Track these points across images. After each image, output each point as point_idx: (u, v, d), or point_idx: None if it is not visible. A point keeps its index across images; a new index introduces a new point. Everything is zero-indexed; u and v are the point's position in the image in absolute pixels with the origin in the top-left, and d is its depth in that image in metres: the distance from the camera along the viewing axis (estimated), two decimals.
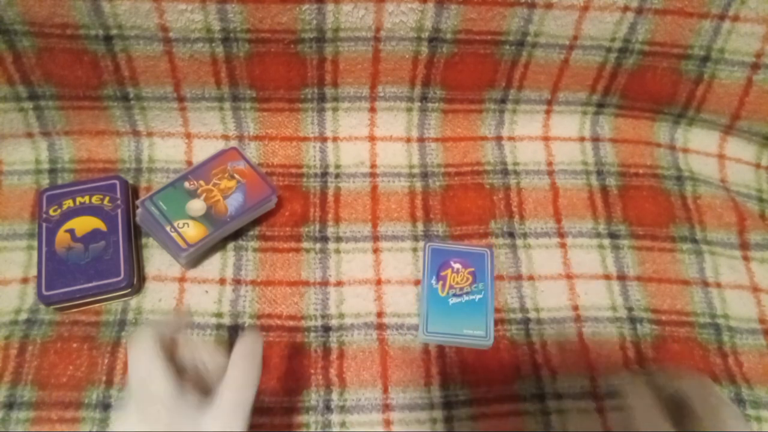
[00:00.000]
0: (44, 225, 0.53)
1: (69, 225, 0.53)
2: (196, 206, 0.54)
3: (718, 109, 0.61)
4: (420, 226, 0.59)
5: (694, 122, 0.64)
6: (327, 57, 0.57)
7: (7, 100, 0.57)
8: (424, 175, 0.62)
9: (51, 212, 0.54)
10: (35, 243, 0.53)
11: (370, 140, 0.63)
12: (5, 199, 0.58)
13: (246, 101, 0.60)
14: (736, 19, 0.55)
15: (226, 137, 0.61)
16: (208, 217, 0.54)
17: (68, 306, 0.52)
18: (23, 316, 0.52)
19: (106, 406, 0.49)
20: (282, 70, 0.57)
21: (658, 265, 0.58)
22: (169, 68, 0.56)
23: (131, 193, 0.57)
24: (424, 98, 0.62)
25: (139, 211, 0.54)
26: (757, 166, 0.64)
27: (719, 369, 0.53)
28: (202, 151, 0.61)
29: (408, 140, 0.63)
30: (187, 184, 0.55)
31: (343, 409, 0.50)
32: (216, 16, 0.52)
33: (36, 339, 0.51)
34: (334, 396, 0.51)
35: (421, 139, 0.63)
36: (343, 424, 0.50)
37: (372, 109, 0.62)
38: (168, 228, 0.53)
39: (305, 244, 0.57)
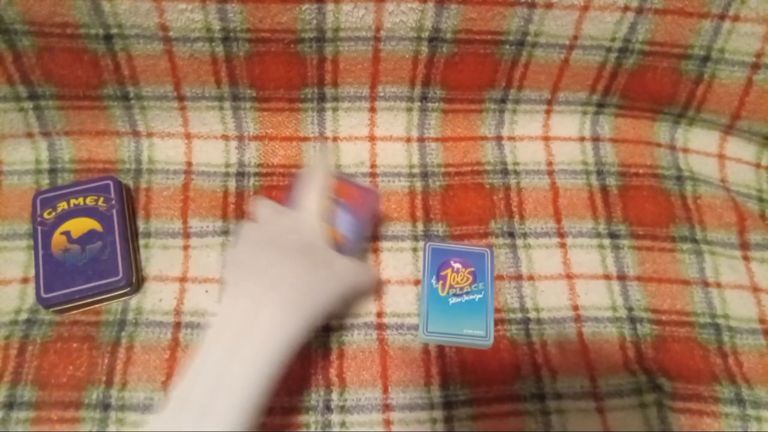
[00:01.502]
0: (39, 228, 0.53)
1: (64, 227, 0.53)
2: None
3: (718, 109, 0.61)
4: (420, 226, 0.59)
5: (694, 122, 0.64)
6: (327, 57, 0.57)
7: (7, 100, 0.57)
8: (424, 175, 0.62)
9: (45, 215, 0.54)
10: None
11: (370, 140, 0.63)
12: (5, 199, 0.58)
13: (246, 101, 0.60)
14: (736, 19, 0.55)
15: (226, 137, 0.61)
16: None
17: (68, 308, 0.52)
18: (23, 316, 0.52)
19: (106, 406, 0.49)
20: (282, 69, 0.57)
21: (658, 265, 0.58)
22: (169, 67, 0.56)
23: (126, 192, 0.57)
24: (424, 98, 0.61)
25: None
26: (757, 166, 0.64)
27: (719, 369, 0.53)
28: (202, 151, 0.61)
29: (408, 140, 0.63)
30: None
31: (343, 409, 0.50)
32: (216, 16, 0.52)
33: (36, 339, 0.51)
34: (334, 396, 0.51)
35: (421, 139, 0.63)
36: (343, 424, 0.50)
37: (372, 109, 0.62)
38: None
39: None
